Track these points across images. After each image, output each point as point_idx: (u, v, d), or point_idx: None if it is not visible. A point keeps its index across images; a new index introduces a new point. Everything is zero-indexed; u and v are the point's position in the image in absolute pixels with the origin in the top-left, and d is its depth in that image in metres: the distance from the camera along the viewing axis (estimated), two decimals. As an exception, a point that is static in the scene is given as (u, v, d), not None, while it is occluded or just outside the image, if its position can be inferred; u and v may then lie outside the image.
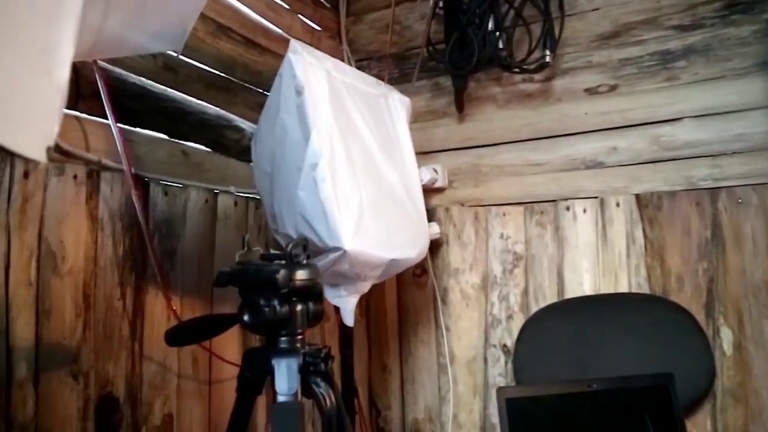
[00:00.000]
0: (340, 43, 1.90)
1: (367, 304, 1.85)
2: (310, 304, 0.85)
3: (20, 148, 0.44)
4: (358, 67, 1.90)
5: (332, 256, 1.07)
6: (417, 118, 1.81)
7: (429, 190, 1.76)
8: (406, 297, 1.82)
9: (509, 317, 1.70)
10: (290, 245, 0.83)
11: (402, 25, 1.89)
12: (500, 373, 1.69)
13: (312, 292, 0.85)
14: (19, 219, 0.93)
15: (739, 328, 1.47)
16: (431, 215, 1.78)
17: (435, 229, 1.70)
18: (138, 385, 1.14)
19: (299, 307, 0.83)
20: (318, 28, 1.83)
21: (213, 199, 1.33)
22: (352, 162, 1.12)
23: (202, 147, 1.35)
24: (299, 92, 1.06)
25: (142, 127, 1.20)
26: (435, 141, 1.82)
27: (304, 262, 0.84)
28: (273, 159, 1.15)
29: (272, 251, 0.90)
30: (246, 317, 0.80)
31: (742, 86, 1.49)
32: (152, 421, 1.17)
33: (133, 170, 1.13)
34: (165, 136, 1.26)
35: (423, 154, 1.80)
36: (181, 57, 1.28)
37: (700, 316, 1.49)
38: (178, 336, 0.93)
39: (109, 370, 1.08)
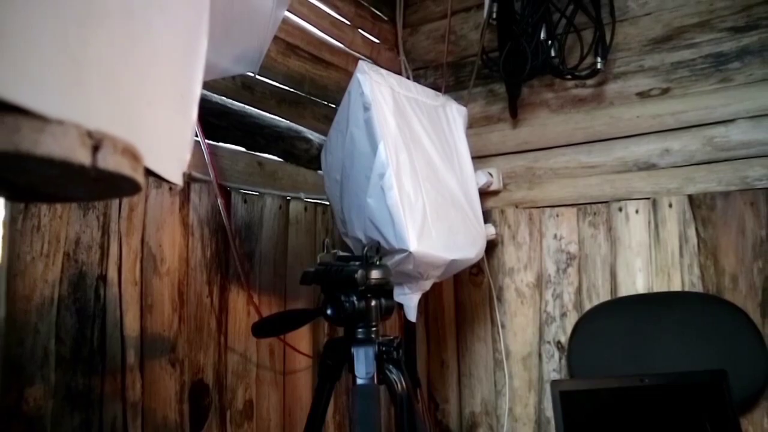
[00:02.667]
0: (398, 54, 2.00)
1: (426, 303, 1.94)
2: (383, 300, 0.95)
3: (167, 174, 0.56)
4: (415, 77, 2.01)
5: (398, 257, 1.17)
6: (472, 124, 1.89)
7: (485, 193, 1.83)
8: (464, 295, 1.91)
9: (563, 315, 1.76)
10: (366, 248, 0.93)
11: (457, 35, 1.97)
12: (554, 369, 1.76)
13: (385, 289, 0.95)
14: (127, 226, 1.07)
15: (795, 327, 1.49)
16: (487, 217, 1.86)
17: (491, 230, 1.78)
18: (224, 373, 1.27)
19: (374, 302, 0.94)
20: (377, 40, 1.93)
21: (285, 205, 1.46)
22: (415, 171, 1.22)
23: (275, 157, 1.47)
24: (367, 108, 1.17)
25: (224, 142, 1.33)
26: (490, 145, 1.89)
27: (378, 263, 0.94)
28: (343, 169, 1.26)
29: (347, 254, 1.01)
30: (329, 311, 0.90)
31: (797, 87, 1.51)
32: (236, 406, 1.29)
33: (217, 180, 1.26)
34: (243, 149, 1.39)
35: (479, 159, 1.88)
36: (256, 77, 1.41)
37: (755, 315, 1.52)
38: (263, 329, 1.05)
39: (200, 359, 1.21)
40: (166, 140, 0.57)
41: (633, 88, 1.70)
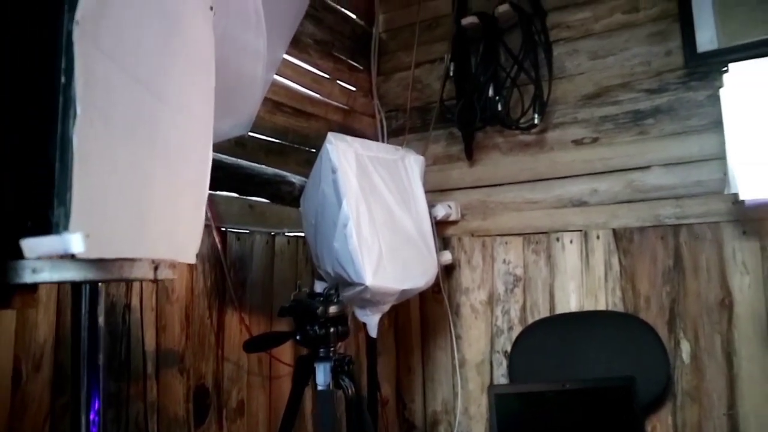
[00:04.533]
0: (372, 99, 2.30)
1: (396, 316, 2.25)
2: (339, 327, 1.26)
3: (187, 259, 0.86)
4: (387, 117, 2.31)
5: (359, 288, 1.47)
6: (435, 161, 2.21)
7: (445, 223, 2.14)
8: (427, 311, 2.21)
9: (510, 328, 2.07)
10: (327, 289, 1.24)
11: (423, 84, 2.27)
12: (503, 375, 2.07)
13: (341, 319, 1.26)
14: (145, 266, 1.38)
15: (695, 342, 1.79)
16: (446, 243, 2.17)
17: (447, 256, 2.09)
18: (221, 378, 1.58)
19: (332, 329, 1.24)
20: (353, 88, 2.24)
21: (272, 240, 1.76)
22: (373, 219, 1.52)
23: (264, 200, 1.78)
24: (334, 171, 1.47)
25: (221, 191, 1.63)
26: (451, 181, 2.20)
27: (336, 300, 1.25)
28: (316, 215, 1.57)
29: (316, 290, 1.31)
30: (298, 337, 1.21)
31: (700, 141, 1.81)
32: (230, 405, 1.60)
33: (216, 224, 1.56)
34: (237, 195, 1.69)
35: (441, 192, 2.20)
36: (248, 134, 1.71)
37: (663, 331, 1.82)
38: (252, 346, 1.36)
39: (202, 368, 1.52)
40: (188, 234, 0.88)
41: (569, 136, 2.00)
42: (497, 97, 1.96)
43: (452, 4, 2.14)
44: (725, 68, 1.61)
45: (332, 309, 1.22)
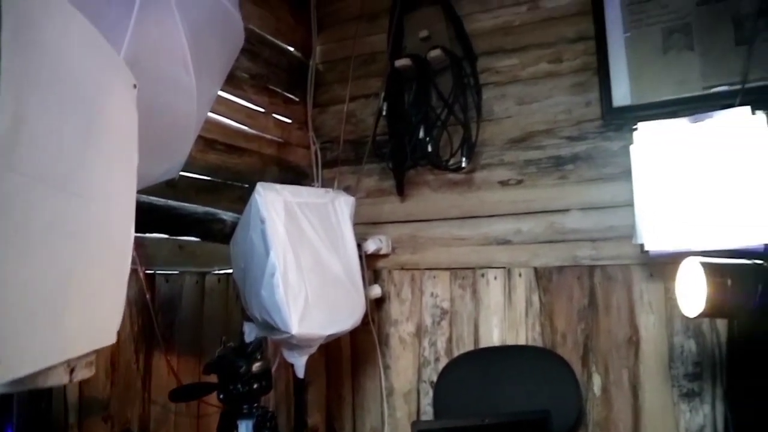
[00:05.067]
0: (307, 131, 2.33)
1: (326, 345, 2.28)
2: (263, 382, 1.29)
3: (105, 341, 0.88)
4: (322, 149, 2.35)
5: (285, 336, 1.51)
6: (368, 195, 2.27)
7: (376, 256, 2.20)
8: (358, 341, 2.27)
9: (437, 359, 2.15)
10: (250, 347, 1.27)
11: (357, 118, 2.32)
12: (429, 404, 2.14)
13: (264, 375, 1.29)
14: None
15: (605, 375, 1.92)
16: (377, 276, 2.23)
17: (377, 290, 2.15)
18: (147, 421, 1.59)
19: (255, 386, 1.27)
20: (289, 120, 2.26)
21: (202, 279, 1.77)
22: (301, 266, 1.56)
23: (195, 239, 1.78)
24: (262, 222, 1.50)
25: (150, 232, 1.64)
26: (383, 214, 2.26)
27: (259, 357, 1.28)
28: (245, 259, 1.59)
29: (241, 345, 1.34)
30: (221, 395, 1.24)
31: (614, 188, 1.92)
32: (156, 448, 1.61)
33: (143, 269, 1.56)
34: (166, 236, 1.69)
35: (373, 224, 2.25)
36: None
37: (577, 366, 1.94)
38: (179, 395, 1.37)
39: (127, 413, 1.52)
40: (109, 315, 0.90)
41: (496, 177, 2.09)
42: (428, 138, 2.03)
43: (387, 42, 2.19)
44: (635, 126, 1.73)
45: (256, 366, 1.25)
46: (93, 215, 0.84)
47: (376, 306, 2.21)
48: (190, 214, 1.75)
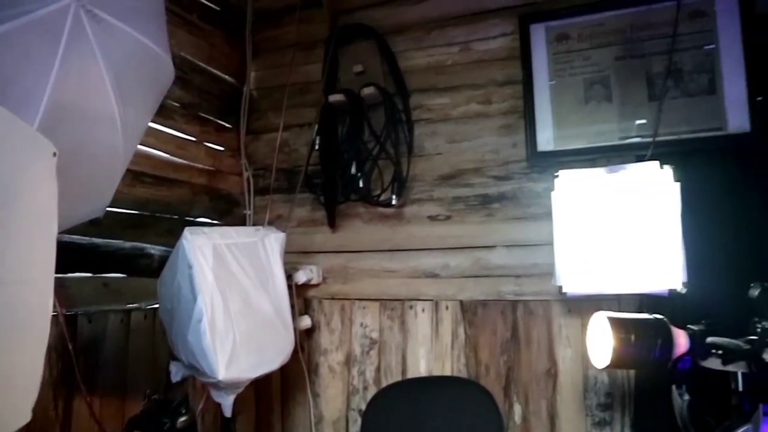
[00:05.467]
0: (240, 158, 2.32)
1: (255, 374, 2.29)
2: (188, 435, 1.29)
3: (20, 421, 0.86)
4: (254, 176, 2.33)
5: (212, 380, 1.51)
6: (300, 224, 2.28)
7: (307, 286, 2.21)
8: (287, 369, 2.27)
9: (365, 388, 2.19)
10: (175, 403, 1.26)
11: (290, 147, 2.32)
12: (357, 431, 2.18)
13: (189, 428, 1.29)
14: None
15: (526, 405, 2.01)
16: (307, 306, 2.24)
17: (306, 321, 2.17)
18: (65, 468, 1.55)
19: (181, 440, 1.27)
20: (221, 148, 2.24)
21: (127, 317, 1.74)
22: (229, 309, 1.56)
23: (120, 275, 1.75)
24: (190, 267, 1.49)
25: (73, 272, 1.59)
26: (314, 244, 2.27)
27: (184, 411, 1.28)
28: (172, 301, 1.57)
29: (166, 400, 1.33)
30: (144, 453, 1.23)
31: (537, 227, 2.01)
32: (75, 494, 1.58)
33: (64, 311, 1.52)
34: (91, 274, 1.65)
35: (304, 254, 2.27)
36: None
37: (499, 396, 2.02)
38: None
39: (43, 463, 1.48)
40: (23, 395, 0.88)
41: (425, 212, 2.15)
42: (359, 174, 2.06)
43: (322, 75, 2.20)
44: (557, 173, 1.82)
45: (180, 422, 1.25)
46: (8, 299, 0.83)
47: (306, 335, 2.23)
48: (116, 250, 1.72)
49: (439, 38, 2.16)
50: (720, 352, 1.35)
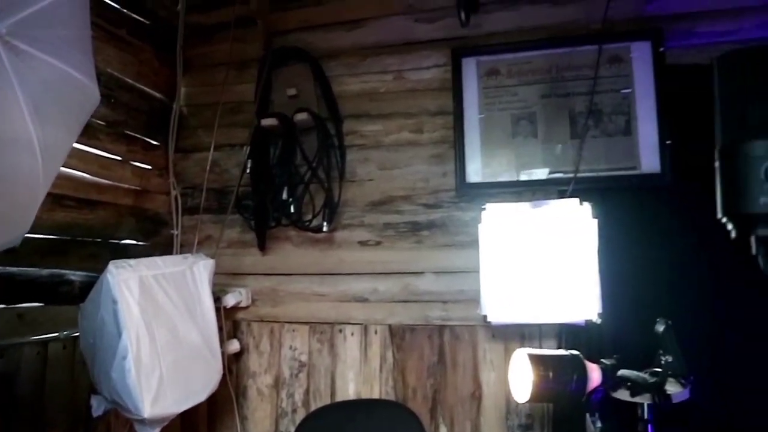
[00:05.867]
0: (168, 177, 2.26)
1: (180, 397, 2.24)
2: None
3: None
4: (183, 195, 2.28)
5: (137, 417, 1.47)
6: (230, 245, 2.25)
7: (236, 308, 2.19)
8: (215, 393, 2.21)
9: (294, 411, 2.19)
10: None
11: (221, 167, 2.29)
12: (284, 455, 2.18)
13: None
14: None
15: (451, 427, 2.07)
16: (236, 328, 2.22)
17: (235, 345, 2.15)
18: None
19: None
20: (149, 167, 2.18)
21: (44, 349, 1.67)
22: (155, 344, 1.53)
23: (37, 304, 1.67)
24: (114, 302, 1.45)
25: (-16, 305, 1.52)
26: (244, 266, 2.25)
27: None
28: (95, 336, 1.53)
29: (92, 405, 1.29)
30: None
31: (464, 255, 2.06)
32: None
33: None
34: (3, 305, 1.58)
35: (234, 275, 2.25)
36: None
37: (426, 418, 2.07)
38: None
39: None
40: None
41: (356, 238, 2.17)
42: (291, 199, 2.06)
43: (255, 97, 2.18)
44: (484, 206, 1.88)
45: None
46: None
47: (235, 358, 2.20)
48: (33, 279, 1.65)
49: (374, 65, 2.18)
50: (629, 384, 1.46)
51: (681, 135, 1.89)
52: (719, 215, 1.00)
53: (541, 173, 1.99)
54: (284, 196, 2.05)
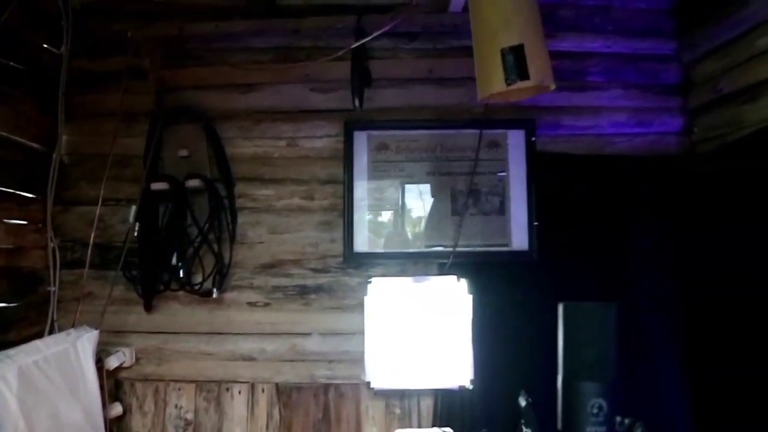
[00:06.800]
0: (46, 231, 2.16)
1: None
2: None
3: None
4: (62, 248, 2.20)
5: None
6: (114, 303, 2.20)
7: (118, 368, 2.15)
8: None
9: (179, 469, 2.20)
10: None
11: (106, 223, 2.22)
12: None
13: None
14: None
15: (331, 481, 2.17)
16: (118, 387, 2.18)
17: (117, 409, 2.12)
18: None
19: None
20: (24, 222, 2.07)
21: None
22: (35, 436, 1.50)
23: None
24: (-9, 401, 1.41)
25: None
26: (128, 325, 2.21)
27: None
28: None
29: None
30: None
31: (350, 318, 2.17)
32: None
33: None
34: None
35: (117, 333, 2.20)
36: None
37: (309, 474, 2.16)
38: None
39: None
40: None
41: (245, 299, 2.21)
42: (180, 264, 2.06)
43: (145, 158, 2.13)
44: (370, 280, 2.00)
45: None
46: None
47: (117, 420, 2.16)
48: None
49: (268, 130, 2.22)
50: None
51: (548, 217, 2.12)
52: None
53: (423, 246, 2.13)
54: (173, 261, 2.04)
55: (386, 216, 2.15)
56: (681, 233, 2.10)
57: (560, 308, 1.07)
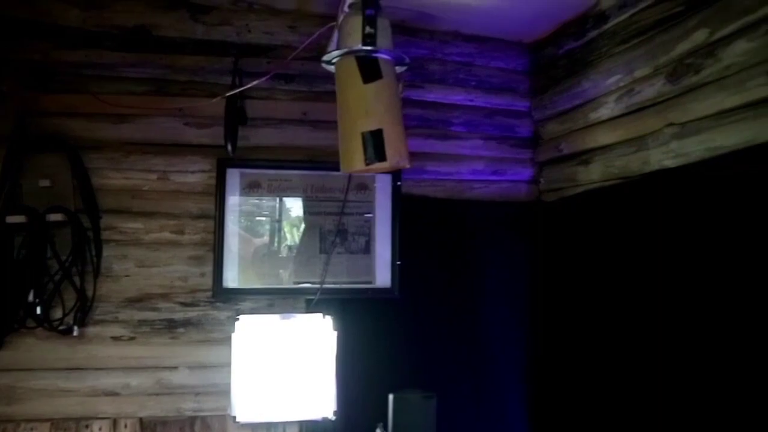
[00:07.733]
0: None
1: None
2: None
3: None
4: None
5: None
6: (-40, 338, 2.07)
7: (-37, 410, 2.03)
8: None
9: None
10: None
11: (-46, 253, 2.10)
12: None
13: None
14: None
15: None
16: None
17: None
18: None
19: None
20: None
21: None
22: None
23: None
24: None
25: None
26: (-25, 361, 2.09)
27: None
28: None
29: None
30: None
31: (218, 351, 2.19)
32: None
33: None
34: None
35: (-39, 371, 2.07)
36: None
37: None
38: None
39: None
40: None
41: (109, 333, 2.16)
42: (37, 300, 1.99)
43: (1, 190, 2.03)
44: (238, 317, 2.05)
45: None
46: None
47: (-42, 466, 2.04)
48: None
49: (139, 163, 2.20)
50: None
51: (411, 256, 2.28)
52: None
53: (291, 283, 2.21)
54: (30, 297, 1.97)
55: (256, 252, 2.20)
56: (529, 274, 2.34)
57: (390, 399, 1.19)
